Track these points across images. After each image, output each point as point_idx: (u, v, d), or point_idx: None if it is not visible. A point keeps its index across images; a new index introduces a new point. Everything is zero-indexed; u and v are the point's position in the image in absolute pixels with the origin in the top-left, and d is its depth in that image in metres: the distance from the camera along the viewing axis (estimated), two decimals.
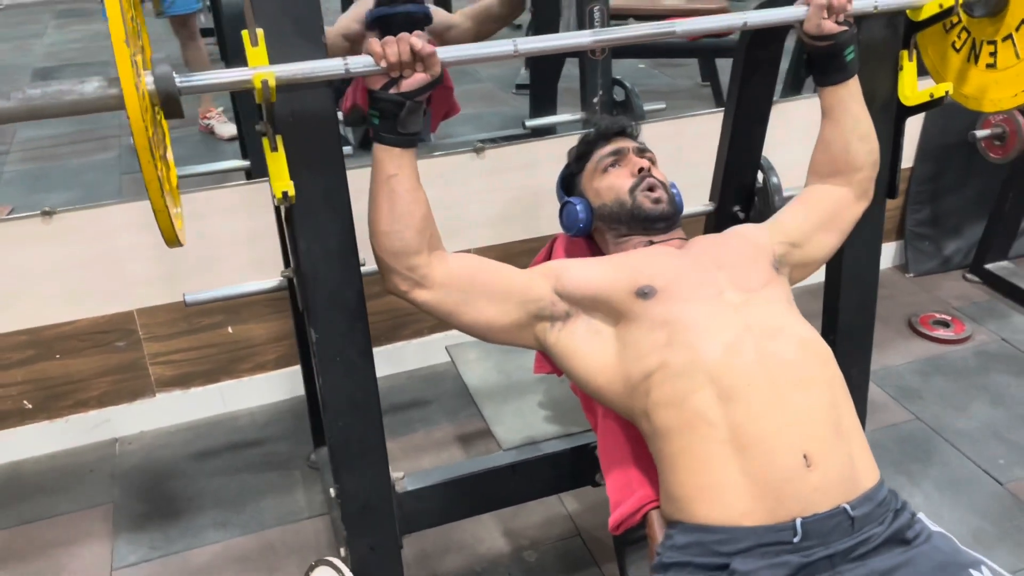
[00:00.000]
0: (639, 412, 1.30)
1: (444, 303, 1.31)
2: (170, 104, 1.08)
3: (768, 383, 1.22)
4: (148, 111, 1.03)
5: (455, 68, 1.24)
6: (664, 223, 1.46)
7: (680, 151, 2.05)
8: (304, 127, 1.21)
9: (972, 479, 2.11)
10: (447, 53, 1.21)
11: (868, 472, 1.23)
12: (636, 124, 1.60)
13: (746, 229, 1.52)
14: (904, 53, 1.54)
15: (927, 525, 1.22)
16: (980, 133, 2.71)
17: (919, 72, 1.57)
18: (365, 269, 1.34)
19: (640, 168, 1.48)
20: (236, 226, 2.24)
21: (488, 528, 1.99)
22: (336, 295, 1.32)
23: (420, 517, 1.63)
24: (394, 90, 1.19)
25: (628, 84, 2.68)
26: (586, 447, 1.68)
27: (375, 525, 1.51)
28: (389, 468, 1.49)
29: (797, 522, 1.14)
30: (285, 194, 1.17)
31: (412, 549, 1.91)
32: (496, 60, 1.32)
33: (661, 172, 1.51)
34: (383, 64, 1.16)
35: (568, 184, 1.61)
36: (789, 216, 1.50)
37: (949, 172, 2.99)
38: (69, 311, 2.21)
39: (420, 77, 1.18)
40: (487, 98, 3.80)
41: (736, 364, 1.24)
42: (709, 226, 1.96)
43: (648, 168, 1.49)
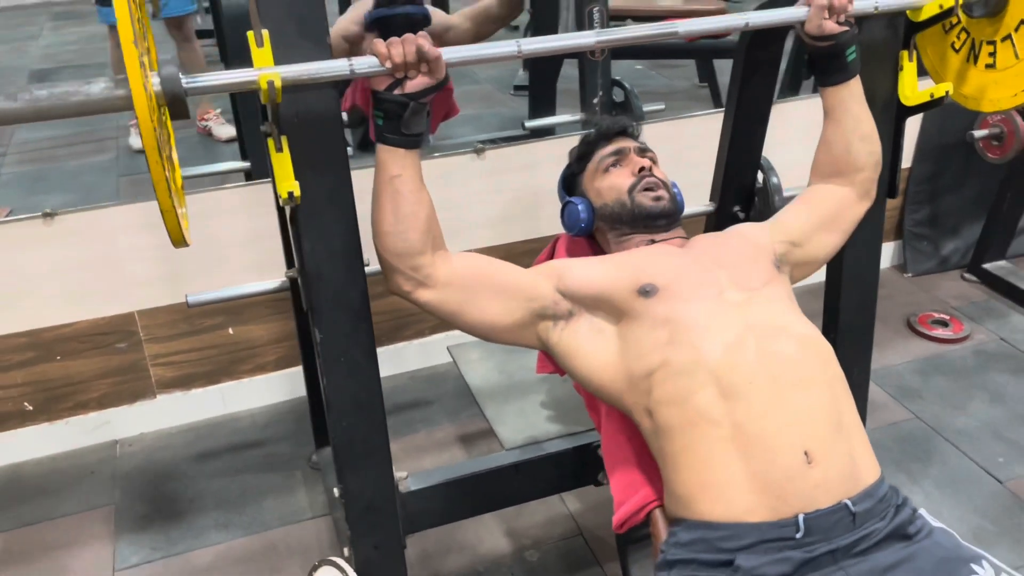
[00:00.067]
0: (641, 410, 1.30)
1: (447, 303, 1.32)
2: (176, 105, 1.09)
3: (770, 381, 1.23)
4: (155, 112, 1.03)
5: (454, 69, 1.24)
6: (665, 220, 1.47)
7: (679, 152, 2.05)
8: (309, 128, 1.22)
9: (972, 477, 2.11)
10: (451, 54, 1.21)
11: (869, 468, 1.23)
12: (637, 124, 1.60)
13: (747, 228, 1.53)
14: (904, 53, 1.55)
15: (928, 521, 1.22)
16: (978, 133, 2.73)
17: (919, 72, 1.58)
18: (368, 269, 1.35)
19: (641, 168, 1.49)
20: (236, 227, 2.24)
21: (490, 528, 2.00)
22: (340, 295, 1.33)
23: (424, 517, 1.63)
24: (398, 91, 1.19)
25: (627, 85, 2.68)
26: (588, 446, 1.69)
27: (379, 525, 1.51)
28: (393, 468, 1.50)
29: (799, 518, 1.15)
30: (291, 194, 1.17)
31: (414, 549, 1.91)
32: (499, 60, 1.32)
33: (662, 171, 1.52)
34: (388, 65, 1.17)
35: (569, 184, 1.62)
36: (791, 215, 1.50)
37: (947, 172, 3.00)
38: (70, 313, 2.21)
39: (425, 79, 1.19)
40: (486, 99, 3.81)
41: (738, 362, 1.24)
42: (709, 226, 1.97)
43: (649, 167, 1.49)
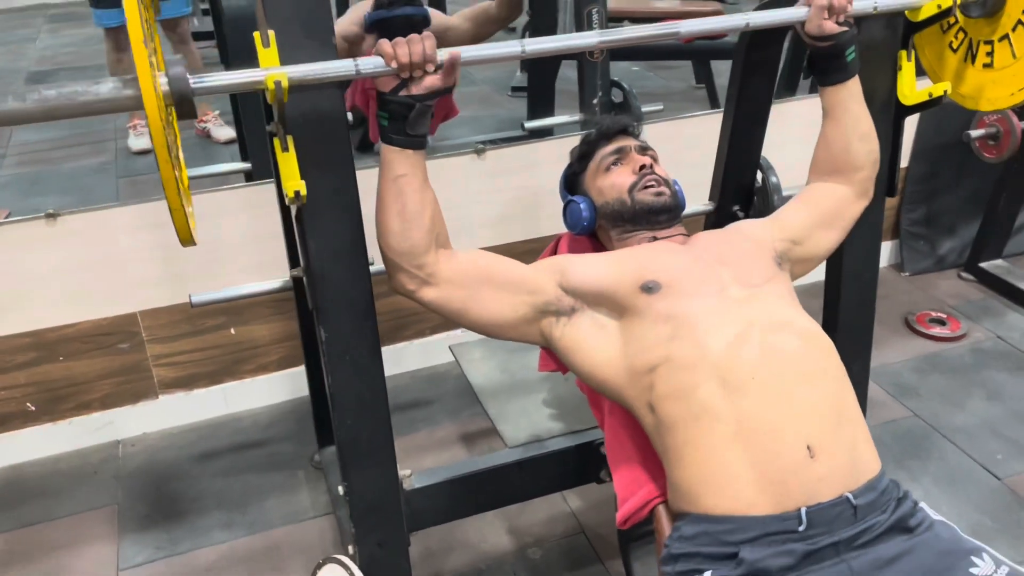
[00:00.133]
0: (643, 405, 1.31)
1: (451, 301, 1.33)
2: (184, 105, 1.10)
3: (772, 377, 1.24)
4: (163, 112, 1.04)
5: None
6: (666, 216, 1.48)
7: (678, 152, 2.06)
8: (314, 127, 1.23)
9: (970, 474, 2.13)
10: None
11: (870, 462, 1.25)
12: (638, 123, 1.61)
13: (747, 225, 1.54)
14: (903, 53, 1.57)
15: (929, 514, 1.24)
16: (974, 133, 2.74)
17: (917, 72, 1.60)
18: (373, 269, 1.35)
19: (642, 165, 1.50)
20: (237, 228, 2.25)
21: (492, 526, 2.01)
22: (345, 294, 1.34)
23: (427, 514, 1.64)
24: (404, 92, 1.20)
25: (626, 86, 2.69)
26: (590, 444, 1.70)
27: (383, 522, 1.52)
28: (397, 466, 1.51)
29: (802, 511, 1.16)
30: (297, 193, 1.18)
31: (417, 548, 1.92)
32: (503, 60, 1.34)
33: (663, 169, 1.53)
34: (393, 65, 1.18)
35: (571, 183, 1.63)
36: (790, 213, 1.52)
37: (944, 172, 3.02)
38: (72, 313, 2.21)
39: (433, 82, 1.20)
40: (484, 101, 3.81)
41: (741, 358, 1.25)
42: (708, 225, 1.97)
43: (650, 165, 1.50)
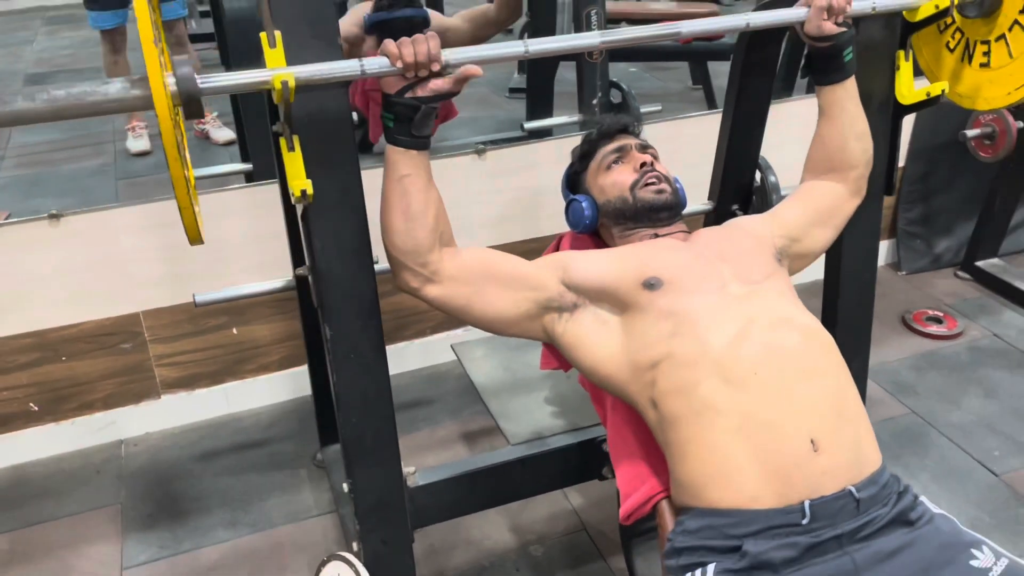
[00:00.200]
0: (646, 400, 1.32)
1: (455, 298, 1.34)
2: (192, 104, 1.11)
3: (774, 372, 1.25)
4: (172, 111, 1.06)
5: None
6: (668, 212, 1.49)
7: (677, 152, 2.07)
8: (320, 127, 1.24)
9: (968, 471, 2.15)
10: (458, 55, 1.23)
11: (872, 456, 1.27)
12: (638, 122, 1.63)
13: (747, 222, 1.56)
14: (901, 53, 1.59)
15: (929, 507, 1.25)
16: (970, 133, 2.76)
17: (914, 72, 1.62)
18: (377, 267, 1.37)
19: (642, 164, 1.51)
20: (239, 228, 2.26)
21: (494, 523, 2.02)
22: (351, 292, 1.35)
23: (431, 511, 1.66)
24: (410, 94, 1.21)
25: (625, 86, 2.71)
26: (592, 442, 1.71)
27: (387, 519, 1.53)
28: (401, 463, 1.52)
29: (806, 504, 1.17)
30: (304, 192, 1.20)
31: (420, 545, 1.93)
32: (507, 60, 1.35)
33: (663, 166, 1.54)
34: (399, 64, 1.19)
35: (573, 182, 1.64)
36: (788, 210, 1.53)
37: (940, 171, 3.04)
38: (74, 313, 2.22)
39: (439, 85, 1.21)
40: (482, 102, 3.83)
41: (743, 354, 1.27)
42: (707, 224, 1.99)
43: (650, 163, 1.52)
